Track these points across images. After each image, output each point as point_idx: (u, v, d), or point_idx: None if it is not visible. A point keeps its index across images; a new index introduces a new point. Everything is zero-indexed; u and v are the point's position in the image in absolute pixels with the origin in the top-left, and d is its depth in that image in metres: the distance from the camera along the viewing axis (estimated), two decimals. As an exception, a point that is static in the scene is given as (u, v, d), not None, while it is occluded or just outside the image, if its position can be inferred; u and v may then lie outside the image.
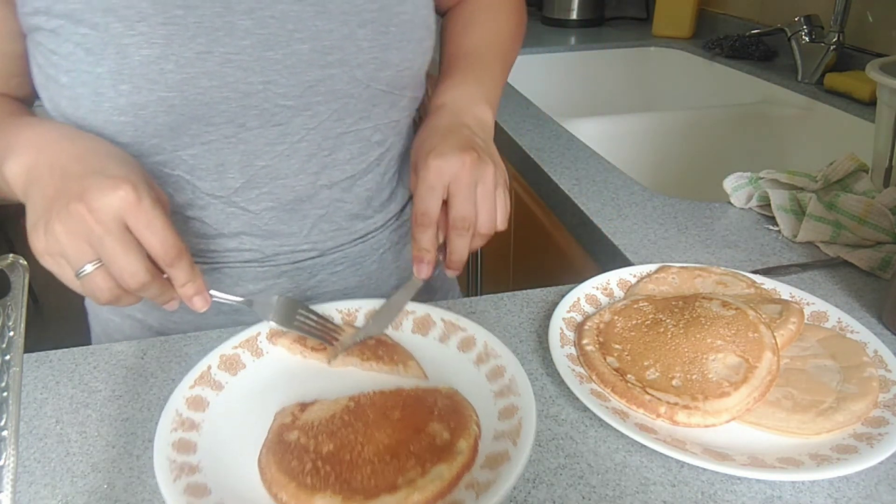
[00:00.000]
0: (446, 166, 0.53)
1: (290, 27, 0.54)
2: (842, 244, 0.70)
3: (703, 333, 0.52)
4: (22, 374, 0.34)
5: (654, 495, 0.43)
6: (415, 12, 0.60)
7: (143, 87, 0.51)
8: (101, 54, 0.50)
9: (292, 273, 0.67)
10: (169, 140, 0.55)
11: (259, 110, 0.56)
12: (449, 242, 0.55)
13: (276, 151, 0.59)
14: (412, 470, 0.42)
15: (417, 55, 0.61)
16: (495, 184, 0.54)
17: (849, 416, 0.46)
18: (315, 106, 0.58)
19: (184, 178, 0.58)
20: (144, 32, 0.50)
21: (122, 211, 0.43)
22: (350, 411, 0.47)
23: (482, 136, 0.59)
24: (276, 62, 0.55)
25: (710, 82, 1.48)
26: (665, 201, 0.81)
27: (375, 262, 0.71)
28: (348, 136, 0.62)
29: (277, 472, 0.42)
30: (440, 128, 0.58)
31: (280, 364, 0.54)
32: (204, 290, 0.49)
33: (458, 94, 0.63)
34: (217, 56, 0.52)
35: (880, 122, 0.78)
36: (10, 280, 0.36)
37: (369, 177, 0.66)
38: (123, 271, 0.44)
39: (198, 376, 0.51)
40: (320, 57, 0.56)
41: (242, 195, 0.61)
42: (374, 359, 0.53)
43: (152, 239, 0.45)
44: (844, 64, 1.22)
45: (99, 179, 0.44)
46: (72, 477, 0.46)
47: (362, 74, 0.58)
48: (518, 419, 0.46)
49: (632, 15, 1.88)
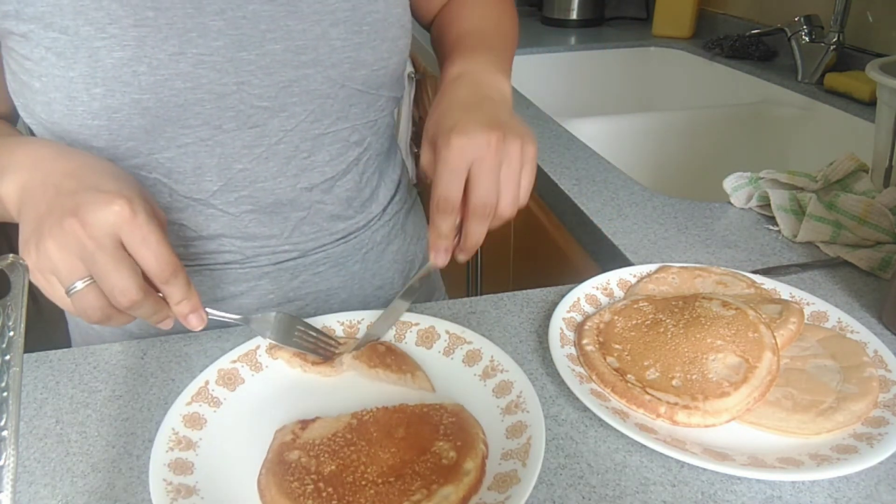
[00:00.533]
0: (470, 146, 0.49)
1: (263, 27, 0.54)
2: (842, 244, 0.70)
3: (703, 333, 0.51)
4: (22, 374, 0.34)
5: (654, 495, 0.43)
6: (387, 11, 0.60)
7: (116, 90, 0.51)
8: (73, 58, 0.50)
9: (274, 274, 0.66)
10: (144, 143, 0.55)
11: (235, 112, 0.56)
12: (466, 227, 0.52)
13: (254, 154, 0.59)
14: (417, 492, 0.41)
15: (392, 54, 0.61)
16: (521, 162, 0.51)
17: (849, 416, 0.46)
18: (291, 107, 0.58)
19: (161, 182, 0.58)
20: (116, 35, 0.50)
21: (115, 226, 0.42)
22: (353, 429, 0.46)
23: (505, 110, 0.55)
24: (249, 63, 0.54)
25: (710, 82, 1.48)
26: (665, 201, 0.81)
27: (358, 262, 0.71)
28: (326, 137, 0.62)
29: (278, 493, 0.41)
30: (460, 100, 0.55)
31: (280, 378, 0.53)
32: (200, 308, 0.48)
33: (474, 64, 0.59)
34: (190, 57, 0.52)
35: (880, 122, 0.78)
36: (10, 280, 0.36)
37: (349, 177, 0.66)
38: (115, 288, 0.42)
39: (195, 392, 0.50)
40: (294, 57, 0.56)
41: (221, 198, 0.60)
42: (382, 366, 0.51)
43: (147, 255, 0.43)
44: (844, 64, 1.22)
45: (93, 195, 0.43)
46: (72, 477, 0.46)
47: (337, 74, 0.58)
48: (527, 438, 0.45)
49: (632, 15, 1.88)
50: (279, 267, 0.66)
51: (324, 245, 0.68)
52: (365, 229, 0.71)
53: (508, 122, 0.52)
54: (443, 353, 0.55)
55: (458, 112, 0.52)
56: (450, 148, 0.49)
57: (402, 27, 0.62)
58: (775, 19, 1.37)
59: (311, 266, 0.68)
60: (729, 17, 1.57)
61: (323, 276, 0.69)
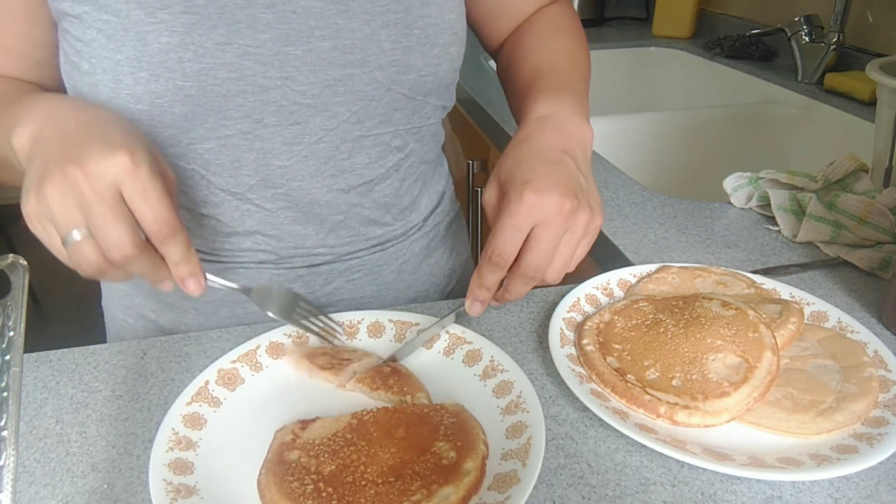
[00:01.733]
0: (540, 207, 0.48)
1: (312, 23, 0.54)
2: (842, 244, 0.70)
3: (703, 333, 0.51)
4: (22, 374, 0.34)
5: (654, 495, 0.43)
6: (440, 16, 0.58)
7: (160, 75, 0.51)
8: (122, 41, 0.50)
9: (307, 278, 0.66)
10: (185, 132, 0.55)
11: (277, 107, 0.56)
12: (509, 282, 0.51)
13: (293, 151, 0.58)
14: (417, 492, 0.41)
15: (443, 61, 0.60)
16: (584, 234, 0.50)
17: (849, 416, 0.46)
18: (334, 106, 0.57)
19: (199, 173, 0.58)
20: (165, 20, 0.50)
21: (117, 177, 0.42)
22: (353, 429, 0.46)
23: (585, 171, 0.54)
24: (295, 58, 0.54)
25: (710, 82, 1.48)
26: (665, 201, 0.82)
27: (394, 272, 0.70)
28: (367, 139, 0.61)
29: (277, 493, 0.41)
30: (542, 149, 0.53)
31: (280, 379, 0.53)
32: (199, 273, 0.47)
33: (559, 107, 0.57)
34: (236, 48, 0.52)
35: (880, 122, 0.78)
36: (10, 280, 0.36)
37: (388, 182, 0.65)
38: (109, 240, 0.42)
39: (195, 392, 0.50)
40: (341, 56, 0.55)
41: (258, 193, 0.60)
42: (384, 388, 0.51)
43: (145, 209, 0.43)
44: (844, 64, 1.22)
45: (98, 145, 0.42)
46: (72, 477, 0.46)
47: (383, 76, 0.57)
48: (527, 438, 0.45)
49: (632, 15, 1.88)
50: (313, 271, 0.66)
51: (359, 251, 0.67)
52: (403, 238, 0.70)
53: (584, 190, 0.51)
54: (443, 353, 0.55)
55: (539, 164, 0.51)
56: (521, 202, 0.48)
57: (454, 34, 0.60)
58: (775, 19, 1.37)
59: (346, 272, 0.67)
60: (729, 17, 1.58)
61: (357, 284, 0.68)
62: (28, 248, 0.46)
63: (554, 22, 0.69)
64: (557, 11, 0.71)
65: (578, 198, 0.49)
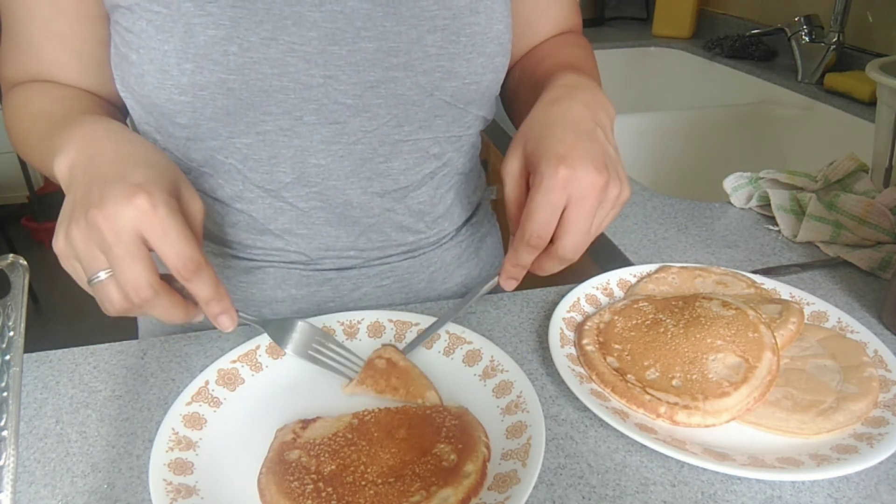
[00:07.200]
0: (575, 183, 0.47)
1: (358, 24, 0.54)
2: (842, 244, 0.70)
3: (703, 333, 0.51)
4: (22, 374, 0.34)
5: (654, 495, 0.43)
6: (487, 25, 0.58)
7: (205, 67, 0.51)
8: (170, 32, 0.51)
9: (336, 281, 0.66)
10: (225, 125, 0.55)
11: (317, 105, 0.56)
12: (544, 262, 0.51)
13: (331, 151, 0.58)
14: (417, 493, 0.41)
15: (487, 70, 0.59)
16: (612, 206, 0.50)
17: (849, 416, 0.46)
18: (375, 108, 0.57)
19: (236, 168, 0.58)
20: (213, 13, 0.51)
21: (136, 220, 0.42)
22: (354, 429, 0.46)
23: (613, 143, 0.53)
24: (339, 58, 0.54)
25: (710, 82, 1.48)
26: (665, 201, 0.82)
27: (424, 280, 0.70)
28: (406, 144, 0.60)
29: (277, 493, 0.41)
30: (573, 117, 0.51)
31: (280, 379, 0.53)
32: (231, 309, 0.47)
33: (581, 80, 0.56)
34: (281, 44, 0.52)
35: (880, 122, 0.78)
36: (10, 280, 0.36)
37: (423, 190, 0.65)
38: (127, 283, 0.42)
39: (195, 392, 0.50)
40: (385, 58, 0.55)
41: (292, 191, 0.60)
42: (389, 390, 0.51)
43: (166, 248, 0.43)
44: (844, 64, 1.22)
45: (119, 187, 0.42)
46: (72, 477, 0.46)
47: (426, 82, 0.57)
48: (527, 438, 0.45)
49: (632, 15, 1.88)
50: (342, 274, 0.66)
51: (389, 256, 0.67)
52: (435, 247, 0.69)
53: (614, 164, 0.51)
54: (443, 352, 0.55)
55: (570, 134, 0.50)
56: (555, 178, 0.47)
57: (500, 45, 0.60)
58: (775, 19, 1.37)
59: (375, 278, 0.67)
60: (729, 17, 1.58)
61: (386, 291, 0.68)
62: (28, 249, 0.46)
63: (570, 39, 0.70)
64: (572, 36, 0.72)
65: (609, 171, 0.49)
